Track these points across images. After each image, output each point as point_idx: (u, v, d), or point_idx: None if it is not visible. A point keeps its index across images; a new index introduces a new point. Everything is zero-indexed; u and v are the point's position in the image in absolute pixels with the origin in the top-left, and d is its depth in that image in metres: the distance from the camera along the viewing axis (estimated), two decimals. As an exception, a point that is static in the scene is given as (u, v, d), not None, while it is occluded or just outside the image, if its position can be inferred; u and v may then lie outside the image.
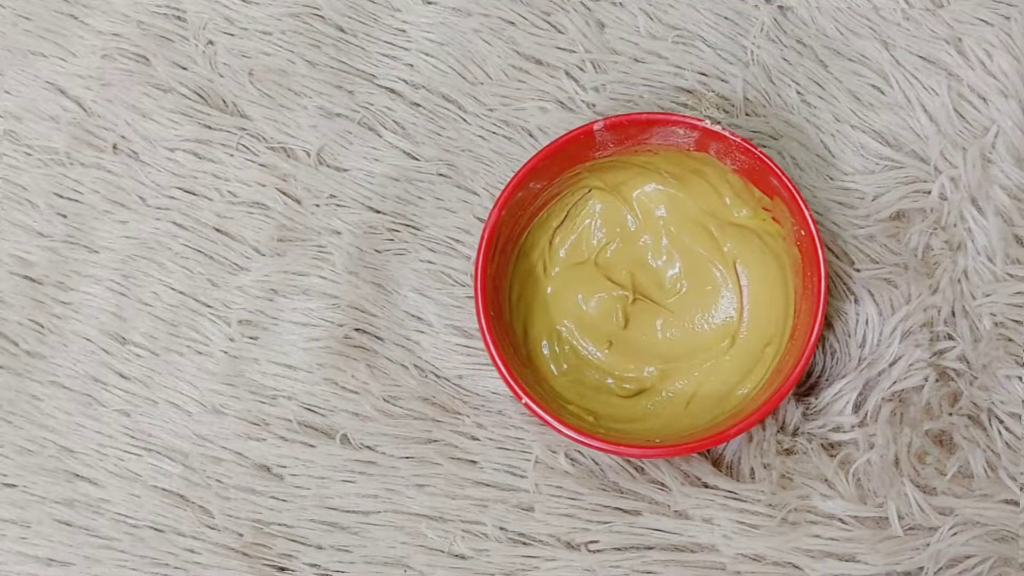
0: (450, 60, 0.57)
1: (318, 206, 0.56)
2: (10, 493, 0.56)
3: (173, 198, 0.57)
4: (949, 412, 0.52)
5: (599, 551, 0.52)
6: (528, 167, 0.52)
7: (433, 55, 0.57)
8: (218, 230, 0.57)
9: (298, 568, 0.54)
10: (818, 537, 0.51)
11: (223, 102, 0.58)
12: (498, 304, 0.53)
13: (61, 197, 0.58)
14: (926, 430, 0.52)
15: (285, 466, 0.55)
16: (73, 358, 0.56)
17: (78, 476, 0.56)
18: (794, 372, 0.50)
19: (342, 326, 0.55)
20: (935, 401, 0.53)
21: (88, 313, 0.57)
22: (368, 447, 0.55)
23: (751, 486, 0.52)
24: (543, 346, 0.55)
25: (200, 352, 0.56)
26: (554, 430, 0.50)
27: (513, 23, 0.57)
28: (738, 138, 0.51)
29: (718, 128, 0.51)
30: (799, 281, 0.52)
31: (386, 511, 0.54)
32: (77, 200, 0.58)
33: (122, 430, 0.56)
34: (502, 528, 0.53)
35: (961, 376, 0.53)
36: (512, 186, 0.52)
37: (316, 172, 0.57)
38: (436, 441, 0.54)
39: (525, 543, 0.53)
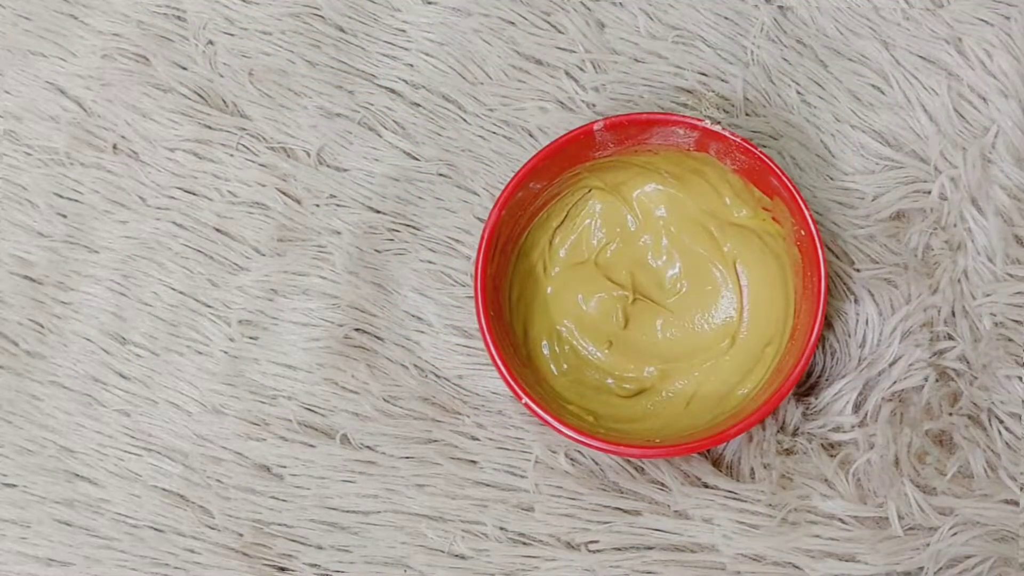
0: (450, 60, 0.57)
1: (318, 206, 0.56)
2: (10, 493, 0.56)
3: (173, 198, 0.57)
4: (949, 412, 0.52)
5: (599, 551, 0.52)
6: (528, 167, 0.52)
7: (433, 55, 0.57)
8: (218, 230, 0.57)
9: (298, 568, 0.54)
10: (818, 537, 0.51)
11: (223, 102, 0.58)
12: (498, 304, 0.53)
13: (61, 197, 0.58)
14: (926, 430, 0.52)
15: (285, 466, 0.55)
16: (73, 358, 0.56)
17: (78, 476, 0.56)
18: (794, 372, 0.50)
19: (342, 326, 0.55)
20: (935, 401, 0.53)
21: (88, 313, 0.57)
22: (368, 447, 0.55)
23: (751, 486, 0.52)
24: (543, 346, 0.55)
25: (200, 352, 0.56)
26: (554, 430, 0.50)
27: (513, 23, 0.57)
28: (738, 138, 0.51)
29: (718, 128, 0.51)
30: (799, 281, 0.52)
31: (386, 511, 0.54)
32: (77, 200, 0.58)
33: (122, 430, 0.56)
34: (502, 528, 0.53)
35: (961, 376, 0.53)
36: (512, 186, 0.52)
37: (316, 172, 0.57)
38: (436, 441, 0.54)
39: (525, 543, 0.53)
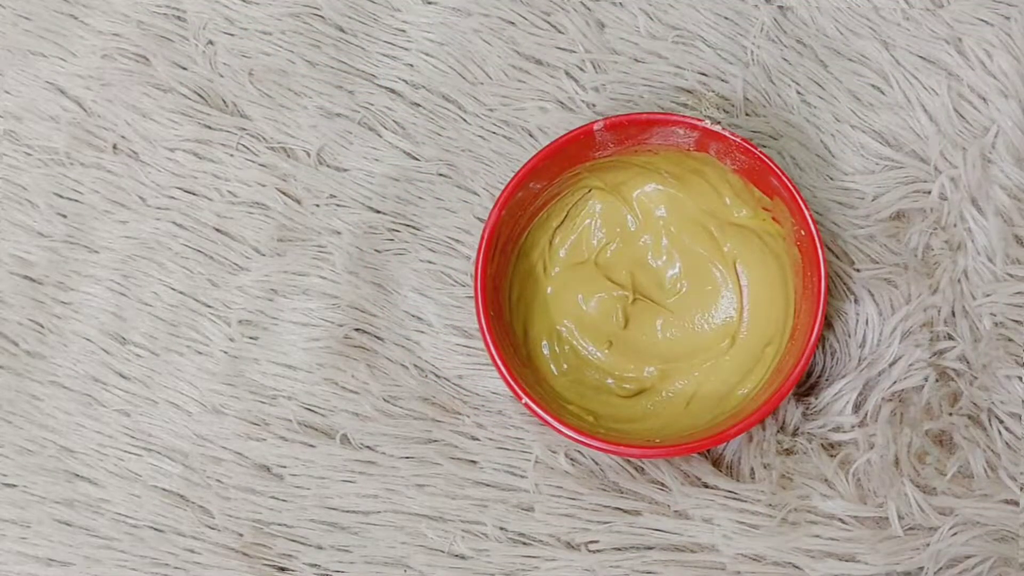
0: (450, 60, 0.57)
1: (318, 206, 0.56)
2: (10, 493, 0.56)
3: (173, 198, 0.57)
4: (949, 412, 0.52)
5: (599, 551, 0.52)
6: (528, 167, 0.52)
7: (433, 55, 0.57)
8: (218, 230, 0.57)
9: (298, 568, 0.54)
10: (818, 537, 0.51)
11: (223, 102, 0.58)
12: (498, 304, 0.53)
13: (61, 197, 0.58)
14: (926, 430, 0.52)
15: (285, 466, 0.55)
16: (73, 358, 0.56)
17: (78, 476, 0.56)
18: (794, 372, 0.50)
19: (342, 326, 0.55)
20: (935, 401, 0.53)
21: (88, 313, 0.57)
22: (368, 447, 0.55)
23: (751, 486, 0.52)
24: (543, 346, 0.55)
25: (200, 352, 0.56)
26: (554, 430, 0.50)
27: (513, 23, 0.57)
28: (738, 138, 0.51)
29: (718, 128, 0.51)
30: (799, 281, 0.52)
31: (386, 511, 0.54)
32: (77, 200, 0.58)
33: (122, 430, 0.56)
34: (502, 528, 0.53)
35: (961, 376, 0.53)
36: (512, 186, 0.52)
37: (316, 172, 0.57)
38: (436, 441, 0.54)
39: (525, 543, 0.53)
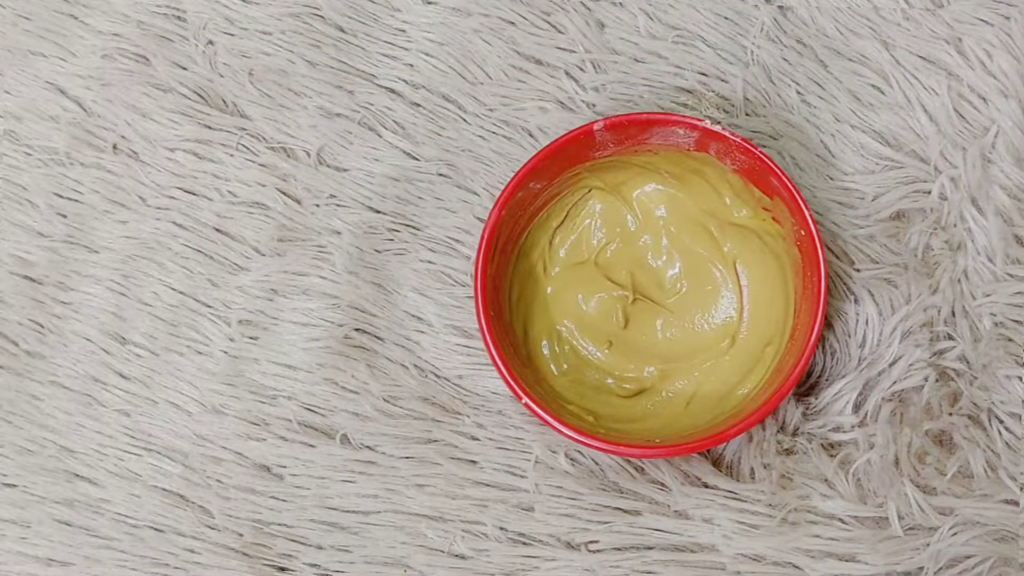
0: (450, 60, 0.57)
1: (318, 206, 0.56)
2: (10, 493, 0.56)
3: (173, 198, 0.57)
4: (949, 412, 0.52)
5: (599, 551, 0.52)
6: (528, 167, 0.52)
7: (433, 55, 0.57)
8: (218, 230, 0.57)
9: (298, 568, 0.54)
10: (818, 537, 0.51)
11: (223, 102, 0.58)
12: (498, 304, 0.53)
13: (61, 197, 0.58)
14: (926, 430, 0.52)
15: (285, 466, 0.55)
16: (73, 358, 0.56)
17: (78, 476, 0.56)
18: (794, 372, 0.50)
19: (342, 326, 0.55)
20: (935, 401, 0.53)
21: (88, 313, 0.57)
22: (368, 447, 0.55)
23: (751, 486, 0.52)
24: (543, 346, 0.55)
25: (200, 352, 0.56)
26: (554, 430, 0.50)
27: (513, 23, 0.57)
28: (738, 138, 0.51)
29: (718, 128, 0.51)
30: (799, 281, 0.52)
31: (386, 511, 0.54)
32: (77, 200, 0.58)
33: (122, 430, 0.56)
34: (502, 528, 0.53)
35: (961, 376, 0.53)
36: (512, 186, 0.52)
37: (316, 172, 0.57)
38: (436, 441, 0.54)
39: (525, 543, 0.53)
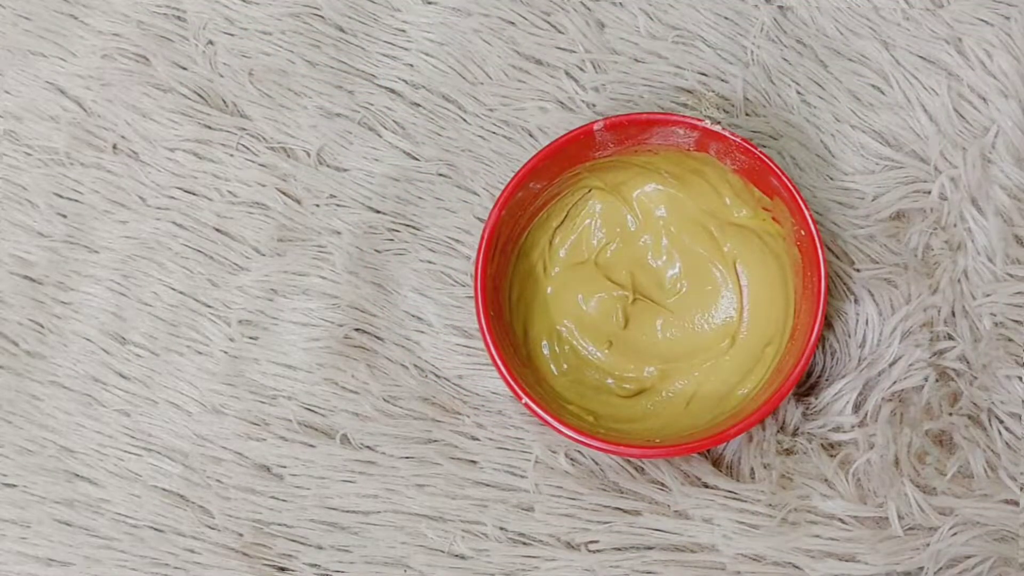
0: (450, 60, 0.57)
1: (318, 206, 0.56)
2: (10, 493, 0.56)
3: (173, 198, 0.57)
4: (949, 412, 0.52)
5: (599, 551, 0.52)
6: (528, 167, 0.52)
7: (433, 55, 0.57)
8: (218, 230, 0.57)
9: (298, 568, 0.54)
10: (818, 537, 0.51)
11: (223, 102, 0.58)
12: (498, 304, 0.53)
13: (61, 197, 0.58)
14: (926, 430, 0.52)
15: (285, 466, 0.55)
16: (73, 358, 0.56)
17: (78, 476, 0.56)
18: (794, 372, 0.50)
19: (342, 326, 0.55)
20: (935, 401, 0.53)
21: (88, 313, 0.57)
22: (368, 447, 0.55)
23: (751, 486, 0.52)
24: (543, 346, 0.55)
25: (200, 352, 0.56)
26: (554, 430, 0.50)
27: (513, 23, 0.57)
28: (738, 138, 0.51)
29: (718, 128, 0.51)
30: (799, 281, 0.52)
31: (386, 511, 0.54)
32: (77, 200, 0.58)
33: (122, 430, 0.56)
34: (502, 528, 0.53)
35: (961, 376, 0.53)
36: (512, 186, 0.52)
37: (316, 172, 0.57)
38: (436, 441, 0.54)
39: (525, 543, 0.53)
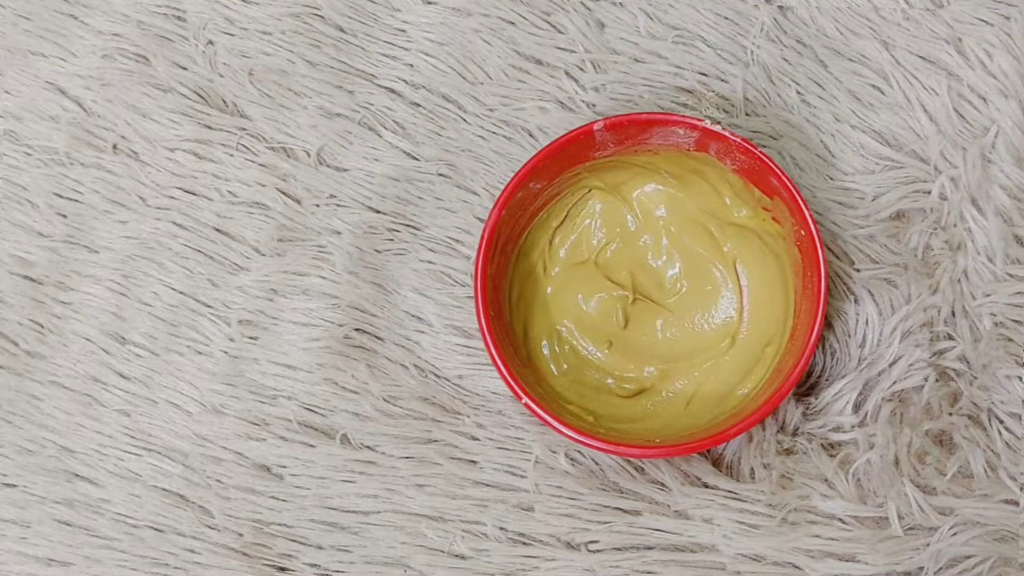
0: (450, 60, 0.57)
1: (318, 206, 0.56)
2: (10, 493, 0.56)
3: (173, 198, 0.57)
4: (949, 412, 0.52)
5: (599, 551, 0.52)
6: (528, 167, 0.52)
7: (433, 55, 0.57)
8: (218, 230, 0.57)
9: (298, 568, 0.54)
10: (818, 537, 0.51)
11: (223, 102, 0.58)
12: (498, 304, 0.53)
13: (61, 197, 0.58)
14: (926, 430, 0.52)
15: (285, 466, 0.55)
16: (73, 358, 0.56)
17: (78, 476, 0.56)
18: (794, 372, 0.50)
19: (342, 326, 0.55)
20: (935, 401, 0.53)
21: (88, 313, 0.57)
22: (368, 447, 0.55)
23: (751, 486, 0.52)
24: (543, 346, 0.55)
25: (200, 352, 0.56)
26: (554, 430, 0.50)
27: (513, 23, 0.57)
28: (738, 138, 0.51)
29: (718, 128, 0.51)
30: (799, 281, 0.52)
31: (386, 511, 0.54)
32: (77, 200, 0.58)
33: (122, 430, 0.56)
34: (502, 528, 0.53)
35: (961, 376, 0.53)
36: (512, 186, 0.52)
37: (316, 172, 0.57)
38: (436, 441, 0.54)
39: (525, 543, 0.53)
